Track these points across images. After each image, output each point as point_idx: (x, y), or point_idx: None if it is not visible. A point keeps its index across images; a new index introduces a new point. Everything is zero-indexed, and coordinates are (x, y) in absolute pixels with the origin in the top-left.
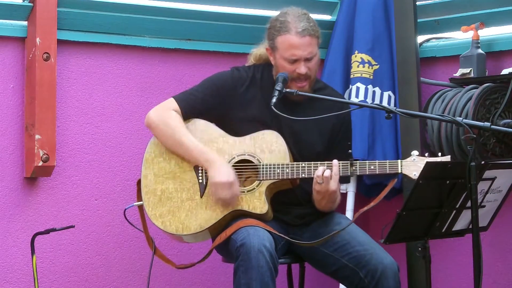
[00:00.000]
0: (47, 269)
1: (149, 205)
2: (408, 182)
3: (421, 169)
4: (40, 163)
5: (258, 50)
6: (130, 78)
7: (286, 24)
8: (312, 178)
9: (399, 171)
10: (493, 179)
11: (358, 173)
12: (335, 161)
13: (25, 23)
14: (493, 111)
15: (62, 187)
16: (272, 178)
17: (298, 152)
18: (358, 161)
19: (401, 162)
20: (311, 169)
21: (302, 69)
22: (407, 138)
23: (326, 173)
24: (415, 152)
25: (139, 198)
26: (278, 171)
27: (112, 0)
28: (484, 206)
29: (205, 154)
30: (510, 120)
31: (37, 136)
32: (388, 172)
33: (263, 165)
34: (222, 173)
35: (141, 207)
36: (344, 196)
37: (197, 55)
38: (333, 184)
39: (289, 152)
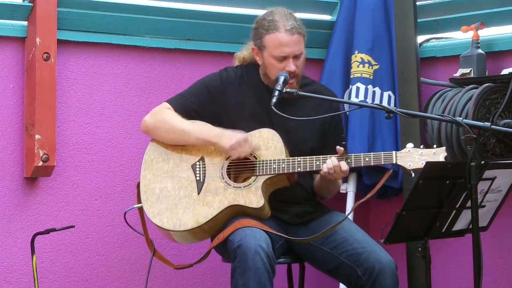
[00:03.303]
0: (47, 269)
1: (147, 203)
2: (408, 182)
3: (416, 160)
4: (40, 163)
5: (241, 53)
6: (130, 78)
7: (275, 22)
8: (308, 174)
9: (394, 162)
10: (493, 179)
11: (353, 165)
12: (333, 158)
13: (25, 23)
14: (493, 111)
15: (62, 187)
16: (268, 173)
17: (292, 149)
18: (353, 154)
19: (396, 153)
20: (306, 164)
21: (291, 66)
22: (407, 138)
23: (334, 162)
24: (410, 145)
25: (139, 200)
26: (274, 166)
27: (112, 0)
28: (484, 206)
29: (210, 131)
30: (510, 120)
31: (37, 136)
32: (383, 163)
33: (259, 161)
34: (234, 134)
35: (141, 209)
36: (344, 196)
37: (197, 55)
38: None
39: (285, 149)
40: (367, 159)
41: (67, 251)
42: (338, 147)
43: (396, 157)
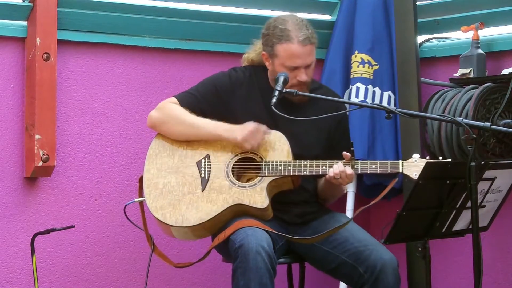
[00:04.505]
0: (47, 269)
1: (150, 197)
2: (409, 182)
3: (421, 169)
4: (40, 163)
5: (249, 55)
6: (130, 78)
7: (287, 32)
8: (312, 177)
9: (400, 171)
10: (493, 179)
11: (359, 172)
12: (340, 164)
13: (25, 23)
14: (493, 111)
15: (62, 187)
16: (274, 174)
17: (296, 155)
18: (359, 160)
19: (402, 162)
20: (312, 167)
21: (303, 76)
22: (407, 138)
23: (341, 168)
24: (416, 155)
25: (141, 194)
26: (280, 168)
27: (112, 0)
28: (484, 206)
29: (221, 126)
30: (510, 120)
31: (37, 136)
32: (389, 171)
33: (265, 161)
34: (245, 127)
35: (141, 204)
36: (344, 196)
37: (197, 55)
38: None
39: (292, 152)
40: (373, 167)
41: (67, 251)
42: (344, 152)
43: (402, 166)
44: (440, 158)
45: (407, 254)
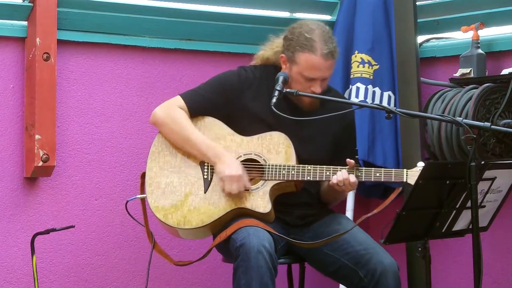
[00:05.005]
0: (47, 269)
1: (152, 197)
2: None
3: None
4: (40, 163)
5: (265, 53)
6: (130, 78)
7: (313, 43)
8: (316, 181)
9: (404, 180)
10: (493, 179)
11: (363, 180)
12: (344, 171)
13: (25, 23)
14: (493, 111)
15: (62, 187)
16: (277, 178)
17: (301, 159)
18: (364, 168)
19: (406, 171)
20: (316, 173)
21: (318, 88)
22: (407, 138)
23: (344, 175)
24: (420, 163)
25: (142, 191)
26: (283, 172)
27: (112, 0)
28: (484, 206)
29: (213, 149)
30: (510, 120)
31: (37, 136)
32: (393, 180)
33: (269, 165)
34: (231, 166)
35: (143, 200)
36: None
37: (197, 55)
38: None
39: (296, 155)
40: (377, 175)
41: (67, 251)
42: (348, 159)
43: (406, 175)
44: None
45: (407, 254)
